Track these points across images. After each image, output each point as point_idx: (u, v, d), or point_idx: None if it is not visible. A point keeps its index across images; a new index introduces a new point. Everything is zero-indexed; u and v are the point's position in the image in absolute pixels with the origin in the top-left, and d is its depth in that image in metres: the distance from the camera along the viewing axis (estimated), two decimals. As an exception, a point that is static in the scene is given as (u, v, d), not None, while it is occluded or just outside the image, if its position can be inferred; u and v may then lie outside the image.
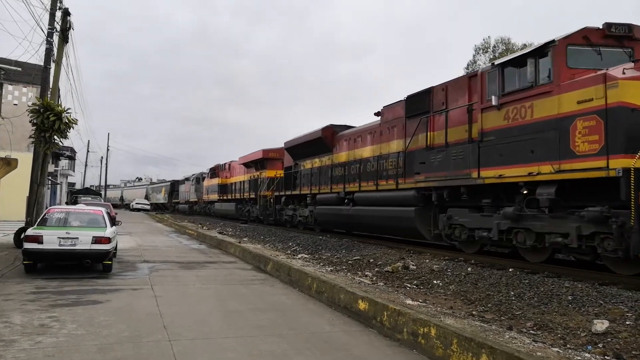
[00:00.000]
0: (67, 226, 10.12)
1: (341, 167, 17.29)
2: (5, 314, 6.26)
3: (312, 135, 19.92)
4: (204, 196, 43.69)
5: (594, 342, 4.96)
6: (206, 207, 43.13)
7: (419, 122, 12.79)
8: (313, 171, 19.92)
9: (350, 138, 17.42)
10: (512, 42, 39.14)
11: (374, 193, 14.85)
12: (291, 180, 22.28)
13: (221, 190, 36.74)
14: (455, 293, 7.67)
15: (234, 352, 5.04)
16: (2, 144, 17.69)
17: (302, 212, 21.00)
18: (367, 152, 15.86)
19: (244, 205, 31.11)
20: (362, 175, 15.70)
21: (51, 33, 15.32)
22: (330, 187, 17.71)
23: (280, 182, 24.17)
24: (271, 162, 26.77)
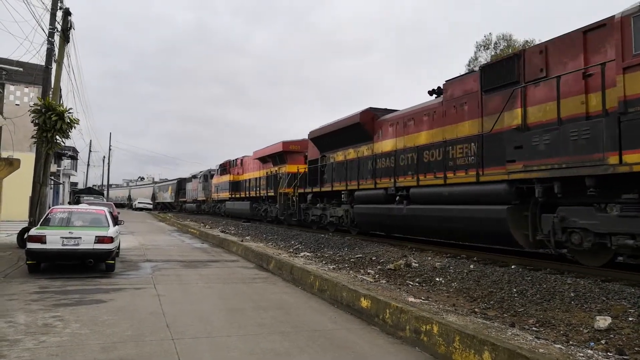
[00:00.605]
0: (70, 226, 10.14)
1: (386, 157, 14.55)
2: (9, 313, 6.29)
3: (347, 121, 16.99)
4: (212, 194, 40.84)
5: (596, 339, 4.96)
6: (215, 206, 40.32)
7: (505, 96, 10.17)
8: (348, 164, 16.96)
9: (397, 122, 14.57)
10: (513, 39, 39.04)
11: (440, 188, 11.85)
12: (317, 175, 19.53)
13: (233, 188, 33.71)
14: (457, 290, 7.68)
15: (236, 351, 5.06)
16: (4, 145, 17.73)
17: (334, 212, 18.34)
18: (423, 138, 13.12)
19: (260, 204, 28.12)
20: (420, 166, 12.76)
21: (52, 33, 15.34)
22: (374, 182, 14.89)
23: (303, 178, 21.37)
24: (292, 155, 24.18)
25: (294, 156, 24.07)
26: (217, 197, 38.58)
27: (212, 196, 41.20)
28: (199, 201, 47.27)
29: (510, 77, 10.22)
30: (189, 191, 52.54)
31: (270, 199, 26.00)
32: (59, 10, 15.49)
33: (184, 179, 57.21)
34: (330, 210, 18.82)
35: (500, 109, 10.31)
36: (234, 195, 33.37)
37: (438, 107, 12.76)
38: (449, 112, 12.24)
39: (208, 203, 43.43)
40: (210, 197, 42.17)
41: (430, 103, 13.38)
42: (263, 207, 27.48)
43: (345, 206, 17.30)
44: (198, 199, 47.54)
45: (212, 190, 41.26)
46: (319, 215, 19.84)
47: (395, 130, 14.63)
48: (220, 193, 37.43)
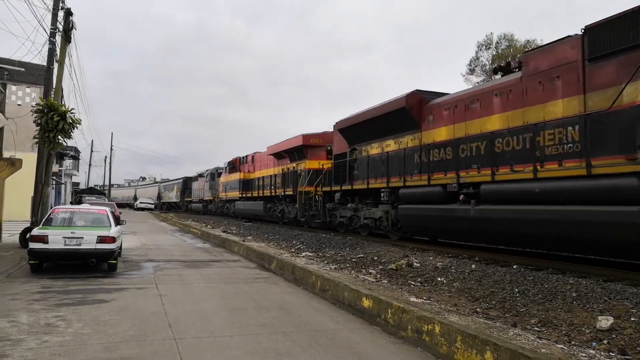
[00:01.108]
0: (72, 226, 10.16)
1: (441, 148, 12.29)
2: (12, 313, 6.31)
3: (387, 107, 14.67)
4: (220, 194, 38.39)
5: (598, 339, 4.96)
6: (224, 206, 37.72)
7: (628, 63, 8.01)
8: (388, 157, 14.53)
9: (455, 106, 12.32)
10: (515, 39, 38.99)
11: (527, 184, 9.45)
12: (346, 171, 17.18)
13: (244, 187, 31.12)
14: (459, 290, 7.67)
15: (238, 350, 5.06)
16: (6, 145, 17.75)
17: (370, 213, 15.79)
18: (494, 123, 10.87)
19: (275, 204, 25.79)
20: (493, 157, 10.45)
21: (54, 33, 15.37)
22: (428, 178, 12.48)
23: (328, 175, 18.94)
24: (312, 150, 21.98)
25: (315, 151, 21.93)
26: (226, 196, 36.20)
27: (219, 196, 38.93)
28: (206, 201, 45.30)
29: (632, 38, 7.98)
30: (195, 190, 50.48)
31: (288, 199, 23.91)
32: (61, 11, 15.52)
33: (189, 178, 55.15)
34: (363, 212, 16.23)
35: (617, 81, 8.12)
36: (244, 195, 30.98)
37: (515, 84, 10.49)
38: (533, 90, 9.98)
39: (215, 203, 41.20)
40: (217, 197, 39.91)
41: (503, 80, 11.19)
42: (279, 207, 25.17)
43: (384, 206, 14.92)
44: (204, 198, 45.52)
45: (219, 189, 38.78)
46: (349, 217, 17.25)
47: (453, 115, 12.25)
48: (229, 192, 35.08)
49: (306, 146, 22.26)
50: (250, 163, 31.23)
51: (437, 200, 12.08)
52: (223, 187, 37.21)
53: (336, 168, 18.11)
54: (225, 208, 37.34)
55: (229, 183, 35.12)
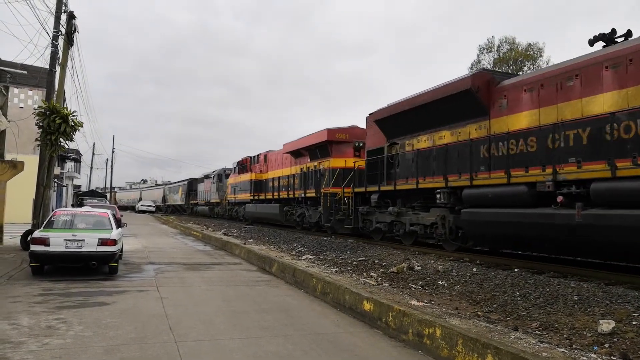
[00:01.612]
0: (73, 228, 10.18)
1: (523, 137, 9.97)
2: (12, 315, 6.31)
3: (445, 90, 12.24)
4: (228, 196, 35.62)
5: (600, 343, 4.95)
6: (232, 209, 34.83)
7: None
8: (447, 150, 12.13)
9: (541, 85, 10.03)
10: (516, 42, 39.05)
11: None
12: (383, 169, 14.86)
13: (255, 189, 28.30)
14: (460, 294, 7.67)
15: (239, 353, 5.06)
16: (8, 147, 17.81)
17: (419, 219, 13.22)
18: (605, 103, 8.66)
19: (293, 207, 23.20)
20: (607, 147, 8.26)
21: (56, 36, 15.43)
22: (508, 175, 10.02)
23: (359, 174, 16.85)
24: (337, 146, 19.67)
25: (340, 147, 19.59)
26: (235, 198, 33.25)
27: (227, 198, 36.24)
28: (212, 203, 42.62)
29: None
30: (201, 192, 47.75)
31: (309, 201, 21.22)
32: (63, 14, 15.58)
33: (195, 180, 52.66)
34: (409, 217, 13.71)
35: None
36: (256, 197, 28.10)
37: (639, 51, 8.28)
38: None
39: (223, 206, 38.45)
40: (225, 199, 37.24)
41: (618, 48, 8.89)
42: (298, 211, 22.50)
43: (439, 210, 12.37)
44: (211, 201, 42.67)
45: (227, 191, 35.91)
46: (390, 223, 14.71)
47: (539, 97, 10.03)
48: (239, 194, 31.99)
49: (331, 142, 19.69)
50: (263, 163, 28.60)
51: (519, 202, 9.74)
52: (232, 188, 34.23)
53: (370, 166, 15.81)
54: (234, 211, 34.51)
55: (239, 184, 32.15)
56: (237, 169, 33.13)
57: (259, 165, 29.25)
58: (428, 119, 13.14)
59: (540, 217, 9.19)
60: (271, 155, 27.64)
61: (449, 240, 12.27)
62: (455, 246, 12.20)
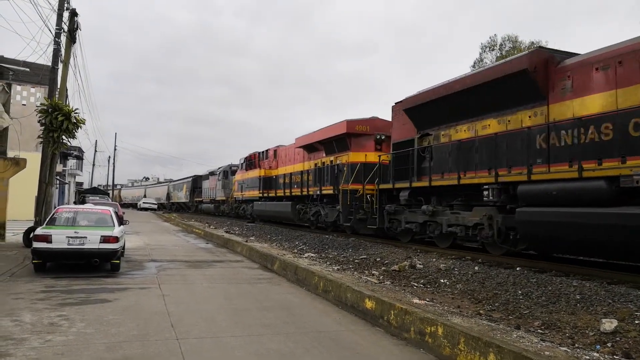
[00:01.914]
0: (76, 225, 10.19)
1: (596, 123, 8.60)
2: (15, 312, 6.33)
3: (493, 72, 11.02)
4: (234, 193, 33.95)
5: (602, 342, 4.94)
6: (239, 207, 33.17)
7: None
8: (496, 140, 10.72)
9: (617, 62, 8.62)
10: (519, 40, 38.95)
11: None
12: (413, 163, 13.57)
13: (264, 185, 26.72)
14: (462, 292, 7.66)
15: (241, 351, 5.06)
16: (10, 144, 17.84)
17: (458, 219, 11.78)
18: None
19: (307, 206, 21.60)
20: None
21: (59, 34, 15.44)
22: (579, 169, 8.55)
23: (382, 169, 15.64)
24: (357, 140, 18.17)
25: (360, 140, 18.15)
26: (242, 196, 31.46)
27: (234, 195, 34.55)
28: (218, 201, 40.68)
29: None
30: (206, 190, 45.91)
31: (326, 199, 19.62)
32: (66, 11, 15.58)
33: (199, 177, 50.88)
34: (446, 216, 12.20)
35: None
36: (265, 194, 26.56)
37: None
38: None
39: (229, 203, 36.77)
40: (231, 197, 35.54)
41: None
42: (312, 209, 20.94)
43: (484, 209, 10.88)
44: (216, 198, 40.68)
45: (234, 188, 34.29)
46: (422, 224, 13.12)
47: (615, 76, 8.61)
48: (246, 192, 30.25)
49: (349, 135, 18.16)
50: (272, 158, 27.11)
51: (593, 200, 8.28)
52: (239, 185, 32.47)
53: (397, 160, 14.37)
54: (240, 209, 32.88)
55: (246, 181, 30.43)
56: (244, 165, 31.50)
57: (268, 161, 27.73)
58: (469, 106, 11.66)
59: (625, 219, 7.64)
60: (282, 150, 26.11)
61: (496, 244, 10.81)
62: (502, 250, 10.86)
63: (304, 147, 22.27)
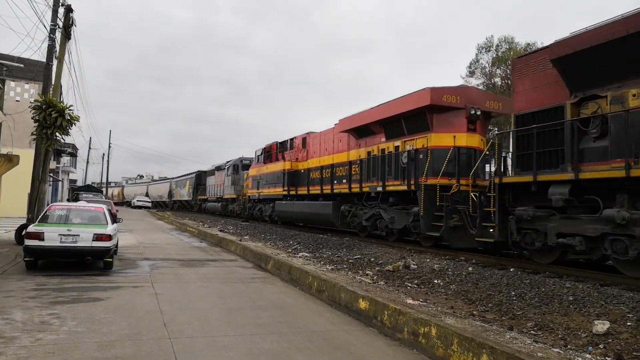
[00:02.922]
0: (69, 223, 10.12)
1: None
2: (6, 310, 6.27)
3: None
4: (248, 191, 28.96)
5: (594, 343, 4.96)
6: (254, 207, 28.03)
7: None
8: None
9: None
10: (515, 41, 39.10)
11: None
12: (572, 142, 8.92)
13: (291, 181, 22.15)
14: (456, 293, 7.67)
15: (234, 351, 5.04)
16: (4, 141, 17.74)
17: None
18: None
19: (357, 207, 16.75)
20: None
21: (54, 30, 15.32)
22: None
23: (497, 155, 10.89)
24: (441, 117, 13.61)
25: (447, 117, 13.57)
26: (258, 194, 26.66)
27: (246, 193, 29.67)
28: (226, 200, 35.76)
29: None
30: (211, 187, 41.02)
31: (392, 198, 14.77)
32: (61, 7, 15.48)
33: (203, 172, 46.20)
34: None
35: None
36: (292, 191, 22.06)
37: None
38: None
39: (240, 202, 31.71)
40: (243, 195, 30.74)
41: None
42: (365, 211, 15.95)
43: None
44: (224, 196, 35.80)
45: (248, 184, 29.17)
46: (597, 238, 8.29)
47: None
48: (264, 189, 25.56)
49: (432, 109, 13.48)
50: (300, 148, 22.54)
51: None
52: (254, 182, 27.57)
53: (526, 141, 9.89)
54: (256, 210, 27.62)
55: (264, 176, 25.56)
56: (261, 157, 26.87)
57: (294, 151, 23.01)
58: None
59: None
60: (313, 137, 21.52)
61: None
62: None
63: (352, 132, 17.46)
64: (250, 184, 28.50)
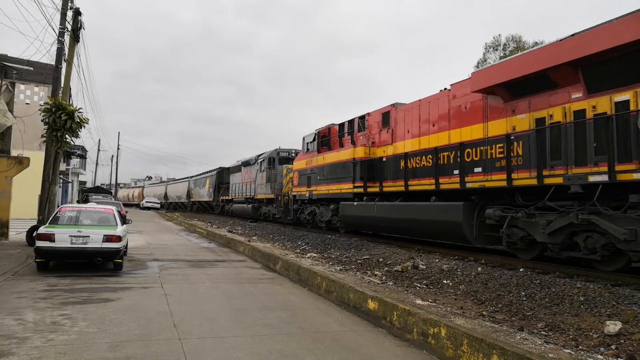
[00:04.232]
0: (79, 224, 10.21)
1: None
2: (18, 311, 6.33)
3: None
4: (293, 189, 22.31)
5: (606, 344, 4.91)
6: (301, 209, 21.80)
7: None
8: None
9: None
10: (523, 40, 38.85)
11: None
12: None
13: (366, 174, 16.15)
14: (465, 293, 7.63)
15: (243, 351, 5.05)
16: (14, 143, 17.90)
17: None
18: None
19: (524, 213, 9.88)
20: None
21: (62, 33, 15.47)
22: None
23: None
24: None
25: None
26: (310, 193, 20.22)
27: (289, 192, 23.00)
28: (258, 200, 29.06)
29: None
30: (236, 185, 34.82)
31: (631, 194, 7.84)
32: (70, 10, 15.62)
33: (225, 169, 40.03)
34: None
35: None
36: (373, 189, 15.86)
37: None
38: None
39: (279, 203, 25.01)
40: (284, 194, 24.15)
41: None
42: (550, 219, 9.26)
43: None
44: (256, 196, 28.99)
45: (293, 181, 22.38)
46: None
47: None
48: (320, 185, 19.28)
49: None
50: (379, 127, 16.11)
51: None
52: (302, 177, 21.28)
53: None
54: (306, 213, 21.26)
55: (320, 169, 19.36)
56: (313, 145, 20.44)
57: (368, 133, 16.73)
58: None
59: None
60: (405, 111, 14.83)
61: None
62: None
63: (500, 89, 10.70)
64: (296, 181, 21.97)
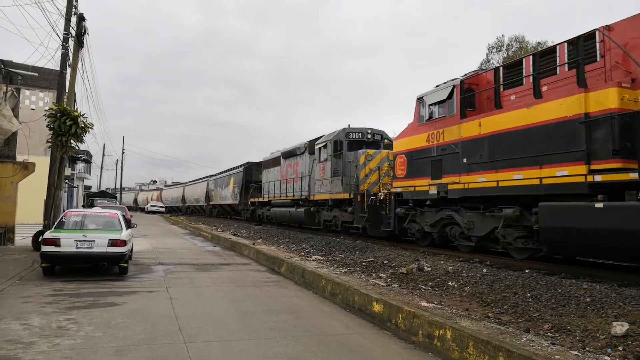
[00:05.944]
0: (84, 229, 10.25)
1: None
2: (24, 316, 6.36)
3: None
4: (396, 182, 14.13)
5: (613, 345, 4.87)
6: (412, 216, 13.50)
7: None
8: None
9: None
10: (526, 41, 38.77)
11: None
12: None
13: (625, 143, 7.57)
14: (470, 295, 7.60)
15: (249, 355, 5.05)
16: (19, 149, 18.00)
17: None
18: None
19: None
20: None
21: (67, 38, 15.56)
22: None
23: None
24: None
25: None
26: (451, 184, 11.43)
27: (385, 187, 15.52)
28: (314, 203, 20.93)
29: None
30: (273, 184, 26.55)
31: None
32: (73, 16, 15.70)
33: (255, 165, 32.16)
34: None
35: None
36: None
37: None
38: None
39: (360, 206, 16.24)
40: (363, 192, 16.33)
41: None
42: None
43: None
44: (312, 196, 20.75)
45: (396, 170, 14.20)
46: None
47: None
48: (478, 172, 10.55)
49: None
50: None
51: None
52: (420, 163, 12.90)
53: None
54: (432, 224, 12.65)
55: (473, 145, 10.77)
56: (452, 104, 11.64)
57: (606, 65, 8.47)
58: None
59: None
60: None
61: None
62: None
63: None
64: (401, 169, 13.92)
